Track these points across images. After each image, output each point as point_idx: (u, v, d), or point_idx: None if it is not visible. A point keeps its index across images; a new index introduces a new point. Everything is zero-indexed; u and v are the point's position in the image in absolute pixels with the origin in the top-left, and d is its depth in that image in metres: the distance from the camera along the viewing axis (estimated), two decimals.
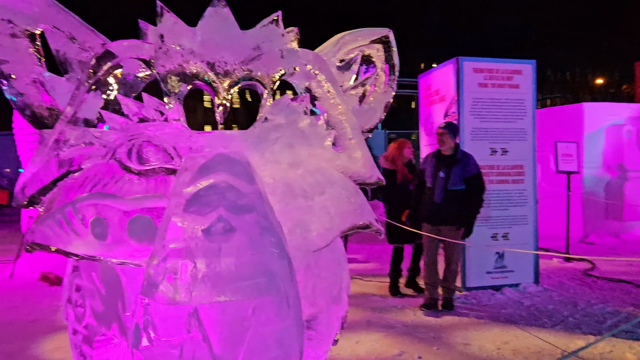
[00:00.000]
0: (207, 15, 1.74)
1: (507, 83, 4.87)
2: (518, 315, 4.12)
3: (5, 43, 1.79)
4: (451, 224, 4.16)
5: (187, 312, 1.17)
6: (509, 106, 4.88)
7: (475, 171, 4.16)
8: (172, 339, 1.19)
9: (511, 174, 4.90)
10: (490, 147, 4.85)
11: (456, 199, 4.12)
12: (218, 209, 1.33)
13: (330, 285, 2.12)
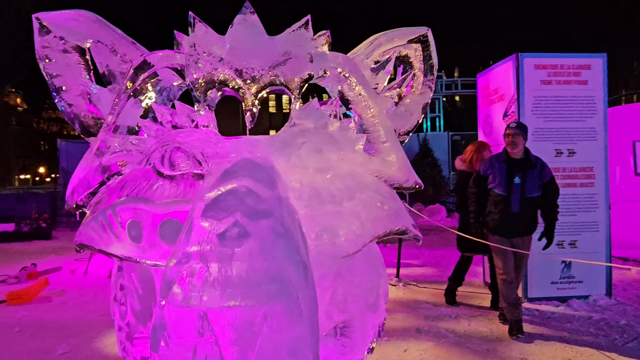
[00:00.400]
0: (236, 23, 1.77)
1: (574, 79, 4.53)
2: (585, 330, 3.80)
3: (57, 58, 1.93)
4: (527, 235, 3.83)
5: (197, 315, 1.19)
6: (577, 104, 4.54)
7: (550, 175, 3.82)
8: (186, 341, 1.21)
9: (579, 176, 4.56)
10: (555, 148, 4.53)
11: (531, 207, 3.77)
12: (235, 213, 1.34)
13: (365, 292, 2.08)
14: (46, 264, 6.74)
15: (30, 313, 4.65)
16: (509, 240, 3.77)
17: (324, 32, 1.94)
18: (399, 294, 5.06)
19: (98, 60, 1.92)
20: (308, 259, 1.49)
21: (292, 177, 1.73)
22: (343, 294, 1.91)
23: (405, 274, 5.88)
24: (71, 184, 1.92)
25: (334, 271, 1.85)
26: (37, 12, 1.93)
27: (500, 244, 3.76)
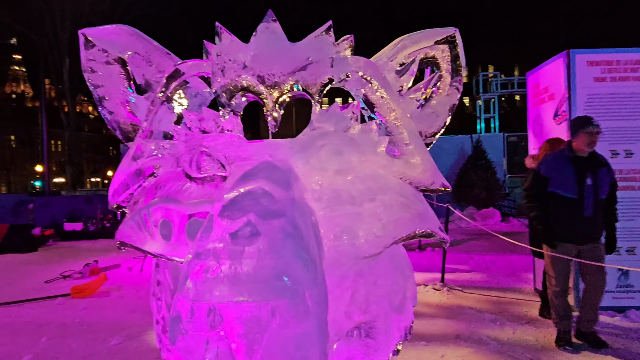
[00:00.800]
0: (259, 32, 1.84)
1: (632, 75, 4.26)
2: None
3: (101, 70, 2.10)
4: (598, 241, 3.52)
5: (208, 309, 1.26)
6: (635, 101, 4.27)
7: (614, 175, 3.57)
8: (198, 334, 1.29)
9: (638, 179, 4.28)
10: (611, 149, 4.28)
11: (601, 210, 3.46)
12: (249, 214, 1.41)
13: (389, 294, 2.08)
14: (107, 261, 7.20)
15: (90, 306, 5.00)
16: (577, 247, 3.47)
17: (347, 37, 1.97)
18: (442, 299, 4.97)
19: (135, 70, 2.07)
20: (320, 259, 1.53)
21: (311, 179, 1.77)
22: (365, 294, 1.92)
23: (451, 279, 5.76)
24: (112, 186, 2.06)
25: (355, 272, 1.87)
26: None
27: (565, 252, 3.46)
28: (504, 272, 6.25)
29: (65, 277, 6.41)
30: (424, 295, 5.12)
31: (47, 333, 4.11)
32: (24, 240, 9.12)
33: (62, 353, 3.66)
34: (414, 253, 7.97)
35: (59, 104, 22.85)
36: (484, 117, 15.82)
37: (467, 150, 13.11)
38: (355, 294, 1.89)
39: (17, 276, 6.79)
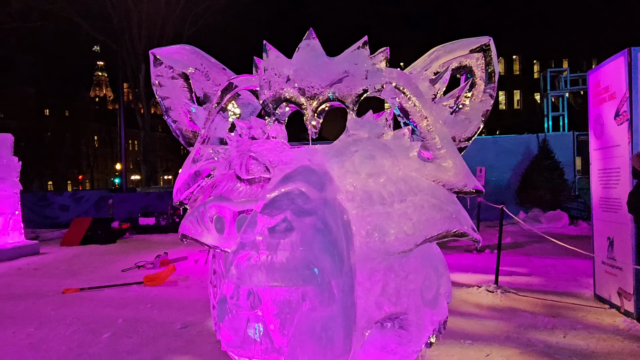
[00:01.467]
0: (301, 48, 2.05)
1: None
2: None
3: (167, 84, 2.40)
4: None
5: (247, 292, 1.48)
6: None
7: None
8: (241, 313, 1.52)
9: None
10: None
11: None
12: (286, 212, 1.62)
13: (421, 289, 2.21)
14: (176, 254, 7.78)
15: (160, 293, 5.49)
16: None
17: (382, 49, 2.13)
18: (495, 300, 4.95)
19: (196, 84, 2.35)
20: (348, 253, 1.71)
21: (346, 181, 1.95)
22: (396, 288, 2.07)
23: (507, 282, 5.69)
24: (176, 186, 2.36)
25: (386, 267, 2.02)
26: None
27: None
28: (563, 276, 6.06)
29: (139, 267, 7.03)
30: (477, 296, 5.11)
31: (122, 315, 4.60)
32: (104, 233, 10.02)
33: (135, 333, 4.10)
34: (471, 255, 7.87)
35: (135, 107, 24.54)
36: (552, 115, 15.08)
37: (533, 150, 12.62)
38: (386, 287, 2.05)
39: (99, 265, 7.52)
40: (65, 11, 20.06)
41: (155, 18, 21.76)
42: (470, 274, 6.27)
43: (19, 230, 8.65)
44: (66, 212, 12.65)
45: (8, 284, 6.18)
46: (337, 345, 1.50)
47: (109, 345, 3.83)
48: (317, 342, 1.48)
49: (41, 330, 4.23)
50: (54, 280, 6.28)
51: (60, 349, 3.75)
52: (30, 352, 3.70)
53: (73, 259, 8.06)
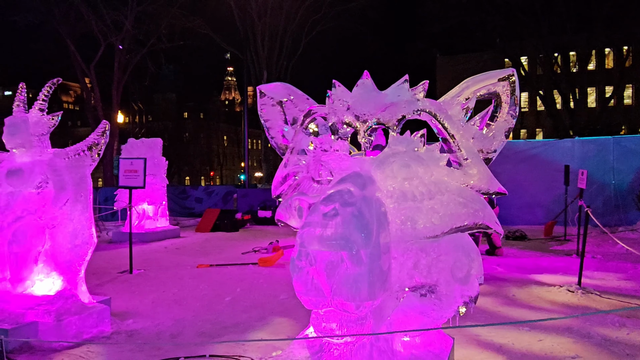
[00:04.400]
0: (358, 86, 2.81)
1: None
2: None
3: (268, 110, 3.33)
4: None
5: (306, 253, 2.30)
6: None
7: None
8: (304, 268, 2.34)
9: None
10: None
11: None
12: (336, 203, 2.40)
13: (452, 268, 2.83)
14: (286, 242, 8.95)
15: (270, 272, 6.61)
16: None
17: (422, 83, 2.80)
18: (572, 299, 5.15)
19: (287, 110, 3.22)
20: (378, 233, 2.42)
21: (387, 183, 2.66)
22: (427, 265, 2.72)
23: (595, 285, 5.76)
24: (273, 184, 3.27)
25: (418, 248, 2.68)
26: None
27: None
28: None
29: (255, 251, 8.32)
30: (555, 294, 5.34)
31: (240, 286, 5.76)
32: (230, 222, 11.67)
33: (248, 299, 5.19)
34: (569, 258, 7.81)
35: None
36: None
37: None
38: (418, 263, 2.72)
39: (225, 247, 9.00)
40: (202, 28, 22.94)
41: (276, 29, 23.77)
42: (560, 275, 6.39)
43: (165, 217, 10.58)
44: (200, 204, 14.81)
45: (158, 258, 7.84)
46: (363, 293, 2.25)
47: (229, 305, 4.96)
48: (349, 289, 2.25)
49: (182, 291, 5.55)
50: (190, 258, 7.81)
51: (196, 304, 4.97)
52: (175, 305, 4.97)
53: (205, 243, 9.70)
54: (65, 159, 3.90)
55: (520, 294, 5.37)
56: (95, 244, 4.06)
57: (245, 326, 4.27)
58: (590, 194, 12.25)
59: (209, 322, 4.36)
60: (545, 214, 12.25)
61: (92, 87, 18.87)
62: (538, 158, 13.15)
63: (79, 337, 3.67)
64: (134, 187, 6.71)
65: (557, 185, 10.55)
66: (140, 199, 9.78)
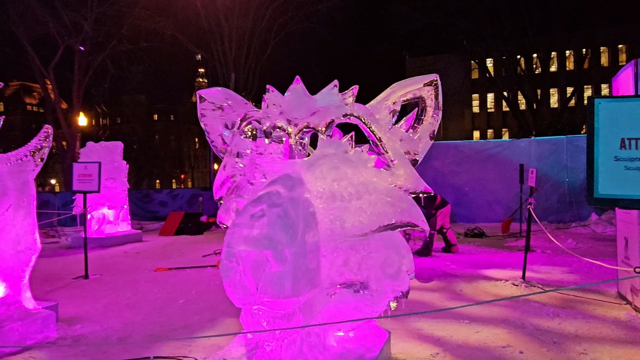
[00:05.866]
0: (289, 91, 2.92)
1: None
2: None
3: (209, 115, 3.39)
4: None
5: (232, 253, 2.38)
6: None
7: None
8: (232, 267, 2.42)
9: None
10: None
11: None
12: (263, 204, 2.49)
13: (382, 265, 2.96)
14: None
15: None
16: None
17: (352, 88, 2.93)
18: (515, 292, 5.39)
19: (226, 115, 3.30)
20: (304, 232, 2.53)
21: (317, 185, 2.77)
22: (357, 262, 2.85)
23: (539, 278, 6.03)
24: (214, 186, 3.34)
25: (348, 245, 2.81)
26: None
27: None
28: (605, 277, 6.21)
29: (217, 253, 8.32)
30: (500, 288, 5.58)
31: (196, 289, 5.79)
32: (194, 225, 11.62)
33: (202, 301, 5.23)
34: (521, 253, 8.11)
35: None
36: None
37: None
38: (348, 260, 2.84)
39: (186, 251, 8.98)
40: (168, 29, 22.68)
41: (244, 30, 23.71)
42: (509, 270, 6.65)
43: (127, 221, 10.46)
44: (164, 207, 14.67)
45: (116, 263, 7.77)
46: (286, 290, 2.36)
47: (182, 307, 4.99)
48: (273, 287, 2.35)
49: (136, 295, 5.54)
50: (149, 262, 7.76)
51: (148, 308, 4.98)
52: (126, 309, 4.97)
53: (167, 246, 9.64)
54: (6, 164, 3.87)
55: (468, 289, 5.58)
56: (40, 250, 4.04)
57: (195, 327, 4.31)
58: (545, 191, 12.77)
59: (159, 325, 4.38)
60: (504, 211, 12.67)
61: (53, 89, 18.44)
62: (497, 157, 13.58)
63: (22, 343, 3.65)
64: (88, 192, 6.65)
65: (515, 183, 10.92)
66: (99, 204, 9.65)
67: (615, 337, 3.87)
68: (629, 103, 1.92)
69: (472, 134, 45.30)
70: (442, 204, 8.18)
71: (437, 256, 7.78)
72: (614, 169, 1.92)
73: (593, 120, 1.95)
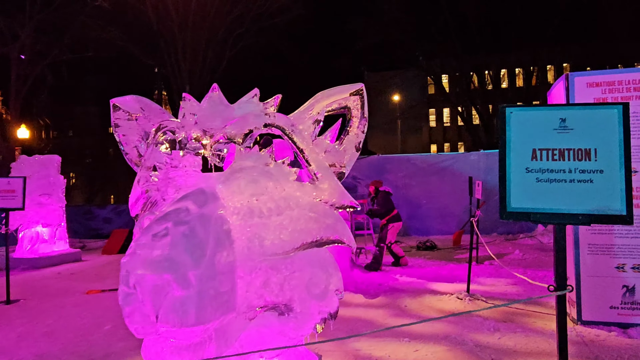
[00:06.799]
0: (205, 99, 2.71)
1: (635, 94, 4.30)
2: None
3: (123, 125, 3.13)
4: None
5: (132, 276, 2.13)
6: (638, 121, 4.30)
7: None
8: (128, 290, 2.17)
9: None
10: None
11: None
12: (169, 222, 2.26)
13: (307, 285, 2.76)
14: None
15: None
16: None
17: (274, 97, 2.76)
18: (459, 306, 5.32)
19: (141, 125, 3.06)
20: (213, 253, 2.31)
21: (234, 200, 2.56)
22: (278, 282, 2.64)
23: (484, 291, 6.01)
24: (129, 202, 3.07)
25: (268, 265, 2.60)
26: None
27: None
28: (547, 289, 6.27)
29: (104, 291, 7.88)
30: (445, 303, 5.50)
31: None
32: None
33: None
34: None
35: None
36: None
37: None
38: (268, 281, 2.63)
39: None
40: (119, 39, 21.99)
41: (199, 42, 23.32)
42: (457, 283, 6.61)
43: (64, 239, 9.82)
44: (109, 224, 13.96)
45: (46, 286, 7.22)
46: (190, 318, 2.12)
47: (107, 334, 4.61)
48: (175, 315, 2.10)
49: (58, 321, 5.09)
50: (83, 283, 7.25)
51: (69, 336, 4.57)
52: (43, 338, 4.54)
53: (106, 266, 9.10)
54: None
55: (413, 304, 5.47)
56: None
57: (117, 356, 3.97)
58: (495, 202, 13.02)
59: (76, 355, 4.01)
60: (457, 223, 12.81)
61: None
62: (449, 170, 13.79)
63: None
64: (10, 209, 6.14)
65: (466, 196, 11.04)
66: (33, 221, 9.02)
67: (551, 350, 3.82)
68: (540, 112, 1.84)
69: (430, 147, 46.35)
70: (396, 218, 8.12)
71: (387, 270, 7.68)
72: (526, 181, 1.83)
73: (505, 130, 1.86)
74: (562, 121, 1.77)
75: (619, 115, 1.72)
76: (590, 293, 4.35)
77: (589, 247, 4.38)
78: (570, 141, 1.77)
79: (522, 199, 1.86)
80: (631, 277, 4.26)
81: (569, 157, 1.75)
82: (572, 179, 1.74)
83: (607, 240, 4.30)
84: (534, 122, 1.83)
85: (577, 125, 1.75)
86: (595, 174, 1.72)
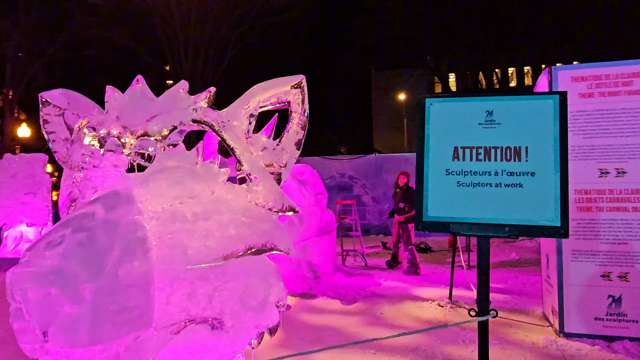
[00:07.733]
0: (127, 93, 2.48)
1: (624, 89, 3.98)
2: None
3: (53, 120, 2.90)
4: None
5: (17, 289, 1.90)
6: (627, 117, 3.98)
7: None
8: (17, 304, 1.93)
9: (632, 199, 3.96)
10: (599, 167, 4.04)
11: None
12: (68, 229, 2.02)
13: (242, 296, 2.51)
14: None
15: None
16: None
17: (207, 90, 2.51)
18: (438, 314, 5.05)
19: (68, 120, 2.83)
20: (120, 262, 2.07)
21: (155, 203, 2.32)
22: (206, 294, 2.39)
23: (469, 297, 5.70)
24: (59, 205, 2.84)
25: (194, 275, 2.34)
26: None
27: None
28: (538, 293, 5.96)
29: None
30: (424, 310, 5.22)
31: None
32: None
33: None
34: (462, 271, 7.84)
35: None
36: None
37: None
38: (194, 292, 2.38)
39: None
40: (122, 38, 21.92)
41: (201, 40, 23.17)
42: (442, 287, 6.32)
43: None
44: None
45: None
46: (82, 337, 1.88)
47: None
48: (65, 334, 1.86)
49: None
50: None
51: None
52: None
53: None
54: None
55: (390, 311, 5.19)
56: None
57: None
58: None
59: None
60: None
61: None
62: None
63: None
64: None
65: None
66: (17, 220, 8.89)
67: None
68: (463, 104, 1.55)
69: None
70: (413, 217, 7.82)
71: (372, 274, 7.40)
72: (446, 184, 1.55)
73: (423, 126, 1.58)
74: (488, 114, 1.49)
75: (554, 107, 1.43)
76: (574, 303, 4.05)
77: (572, 253, 4.08)
78: (498, 138, 1.49)
79: (441, 206, 1.58)
80: (617, 287, 3.95)
81: (495, 157, 1.47)
82: (499, 183, 1.46)
83: (593, 246, 4.00)
84: (457, 116, 1.55)
85: (506, 119, 1.47)
86: (525, 177, 1.44)
